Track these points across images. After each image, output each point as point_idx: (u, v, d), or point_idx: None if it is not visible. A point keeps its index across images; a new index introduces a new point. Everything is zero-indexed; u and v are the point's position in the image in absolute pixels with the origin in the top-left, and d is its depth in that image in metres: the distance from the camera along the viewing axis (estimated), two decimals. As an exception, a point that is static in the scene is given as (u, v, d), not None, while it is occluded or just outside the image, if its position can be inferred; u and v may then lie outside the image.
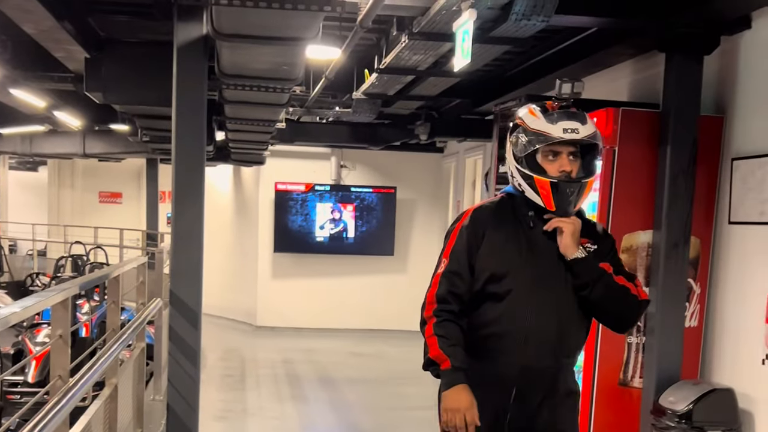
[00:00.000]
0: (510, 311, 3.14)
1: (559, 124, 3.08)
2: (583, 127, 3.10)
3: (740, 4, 5.21)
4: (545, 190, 3.10)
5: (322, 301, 14.17)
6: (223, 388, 9.63)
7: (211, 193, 14.88)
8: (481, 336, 3.18)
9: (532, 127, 3.12)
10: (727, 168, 5.80)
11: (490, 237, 3.17)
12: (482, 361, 3.17)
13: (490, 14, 5.29)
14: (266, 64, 6.11)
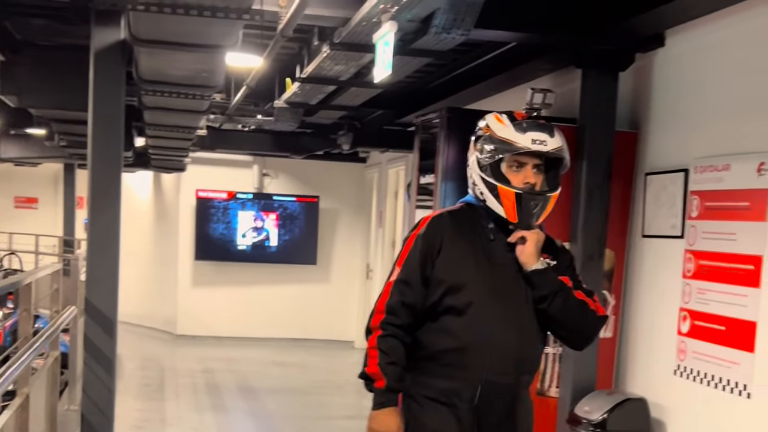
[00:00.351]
0: (470, 325, 3.03)
1: (528, 135, 2.98)
2: (552, 139, 3.01)
3: (654, 23, 5.32)
4: (509, 201, 3.01)
5: (244, 309, 14.06)
6: (141, 398, 9.48)
7: (130, 200, 14.68)
8: (440, 351, 3.07)
9: (500, 135, 3.03)
10: (640, 182, 5.92)
11: (448, 248, 3.07)
12: (441, 378, 3.07)
13: (411, 26, 5.32)
14: (185, 71, 6.06)
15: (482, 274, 3.06)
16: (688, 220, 5.39)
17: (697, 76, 5.40)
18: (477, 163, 3.07)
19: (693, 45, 5.44)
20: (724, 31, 5.11)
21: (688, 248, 5.37)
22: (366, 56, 6.10)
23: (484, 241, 3.10)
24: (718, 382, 5.02)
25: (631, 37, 5.58)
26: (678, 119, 5.58)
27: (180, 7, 4.45)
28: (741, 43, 5.02)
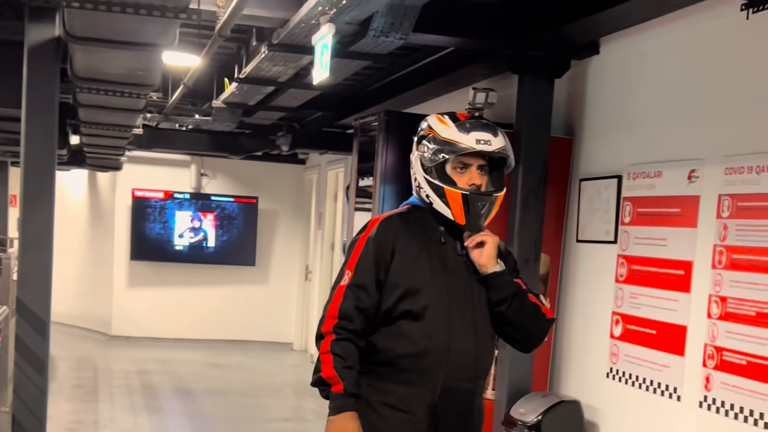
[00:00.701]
0: (428, 330, 2.95)
1: (472, 135, 2.93)
2: (495, 139, 2.95)
3: (589, 30, 5.40)
4: (456, 203, 2.94)
5: (181, 310, 13.93)
6: (74, 400, 9.34)
7: (65, 199, 14.46)
8: (397, 356, 2.99)
9: (443, 135, 2.96)
10: (575, 188, 5.99)
11: (401, 251, 2.99)
12: (398, 383, 3.00)
13: (350, 29, 5.33)
14: (121, 69, 5.99)
15: (437, 278, 2.99)
16: (621, 225, 5.47)
17: (630, 83, 5.49)
18: (421, 165, 3.01)
19: (627, 53, 5.53)
20: (657, 40, 5.21)
21: (621, 253, 5.46)
22: (305, 58, 6.09)
23: (435, 243, 3.03)
24: (649, 384, 5.11)
25: (566, 44, 5.65)
26: (612, 126, 5.67)
27: (116, 5, 4.39)
28: (673, 52, 5.11)
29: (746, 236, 4.42)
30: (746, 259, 4.38)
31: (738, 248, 4.46)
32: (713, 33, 4.78)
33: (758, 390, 4.26)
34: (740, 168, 4.47)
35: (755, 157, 4.37)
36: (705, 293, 4.68)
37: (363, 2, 4.64)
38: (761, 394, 4.23)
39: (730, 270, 4.52)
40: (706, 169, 4.74)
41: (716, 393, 4.54)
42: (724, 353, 4.53)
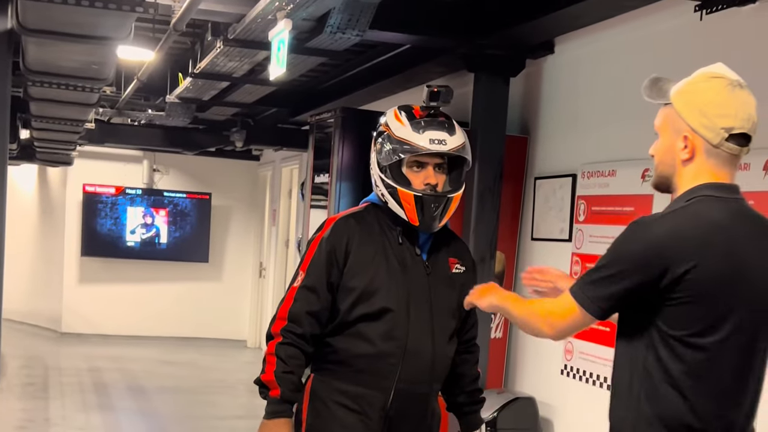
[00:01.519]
0: (386, 332, 2.90)
1: (426, 134, 2.83)
2: (452, 138, 2.86)
3: (544, 30, 5.44)
4: (409, 204, 2.87)
5: (133, 307, 13.78)
6: (24, 397, 9.20)
7: (14, 194, 14.22)
8: (353, 356, 2.94)
9: (397, 134, 2.88)
10: (530, 186, 6.04)
11: (356, 253, 2.92)
12: (352, 384, 2.95)
13: (306, 25, 5.31)
14: (75, 63, 5.91)
15: (395, 279, 2.93)
16: (575, 224, 5.52)
17: (585, 83, 5.54)
18: (377, 163, 2.95)
19: (581, 53, 5.58)
20: (612, 40, 5.26)
21: (575, 251, 5.50)
22: (260, 53, 6.06)
23: (393, 244, 2.97)
24: (603, 381, 5.16)
25: (521, 43, 5.69)
26: (566, 125, 5.72)
27: (70, -2, 4.34)
28: (627, 52, 5.17)
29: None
30: None
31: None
32: (667, 34, 4.84)
33: None
34: (693, 167, 4.53)
35: (708, 156, 4.43)
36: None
37: (320, -2, 4.64)
38: None
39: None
40: (659, 168, 4.79)
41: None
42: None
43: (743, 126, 2.21)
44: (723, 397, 2.19)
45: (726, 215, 2.20)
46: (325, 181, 7.17)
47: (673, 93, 2.27)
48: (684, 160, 2.25)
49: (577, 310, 2.23)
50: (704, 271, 2.12)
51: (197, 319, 13.88)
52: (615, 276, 2.17)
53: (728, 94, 2.21)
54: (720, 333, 2.15)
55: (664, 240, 2.14)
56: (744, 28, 4.29)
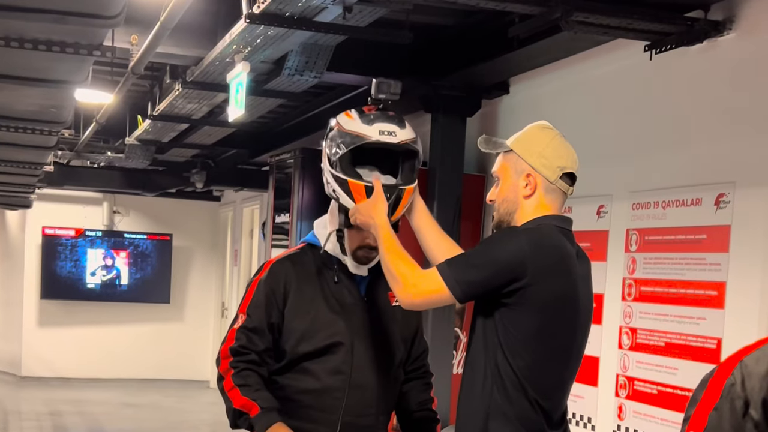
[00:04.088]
0: (329, 367, 2.93)
1: (376, 126, 2.80)
2: (402, 131, 2.82)
3: (499, 71, 5.53)
4: (361, 196, 2.82)
5: (94, 349, 13.63)
6: (-20, 445, 9.07)
7: (-27, 237, 14.09)
8: (298, 392, 2.96)
9: (347, 128, 2.83)
10: (489, 224, 6.09)
11: (295, 294, 2.94)
12: (299, 419, 2.94)
13: (264, 67, 5.36)
14: (32, 106, 5.89)
15: (335, 317, 2.94)
16: (533, 259, 5.57)
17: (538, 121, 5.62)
18: (328, 160, 2.89)
19: (536, 93, 5.67)
20: (565, 80, 5.36)
21: (533, 287, 5.55)
22: (219, 95, 6.09)
23: (330, 284, 2.99)
24: (572, 416, 5.19)
25: (477, 83, 5.78)
26: (522, 163, 5.79)
27: (28, 42, 4.33)
28: (580, 92, 5.26)
29: (654, 269, 4.55)
30: (654, 291, 4.52)
31: (646, 281, 4.59)
32: (619, 73, 4.94)
33: (668, 418, 4.38)
34: (647, 203, 4.62)
35: (661, 192, 4.52)
36: (616, 325, 4.80)
37: (277, 41, 4.69)
38: (671, 422, 4.35)
39: (639, 302, 4.65)
40: (614, 205, 4.87)
41: (629, 422, 4.65)
42: (635, 383, 4.64)
43: (573, 167, 2.62)
44: (556, 391, 2.57)
45: (565, 242, 2.56)
46: (285, 220, 7.20)
47: (512, 142, 2.69)
48: (526, 196, 2.61)
49: (443, 289, 2.47)
50: (547, 288, 2.47)
51: (159, 360, 13.75)
52: (481, 267, 2.46)
53: (559, 142, 2.65)
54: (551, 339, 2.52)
55: (527, 251, 2.45)
56: (691, 66, 4.40)
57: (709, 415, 1.57)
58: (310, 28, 4.45)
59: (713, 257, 4.19)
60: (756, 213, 3.97)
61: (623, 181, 4.81)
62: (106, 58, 4.72)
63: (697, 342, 4.26)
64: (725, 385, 1.57)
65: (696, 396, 1.61)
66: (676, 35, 4.21)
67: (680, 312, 4.36)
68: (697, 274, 4.28)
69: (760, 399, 1.53)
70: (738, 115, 4.13)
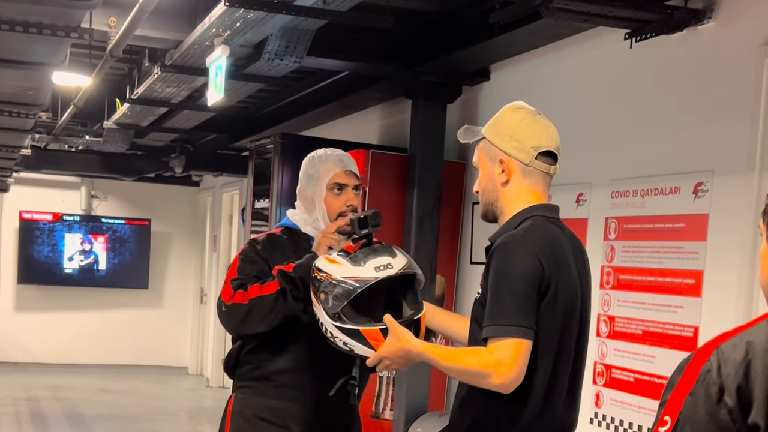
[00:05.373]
0: (306, 346, 3.00)
1: (369, 264, 2.71)
2: (395, 259, 2.74)
3: (479, 57, 5.52)
4: (378, 340, 2.66)
5: (72, 335, 13.57)
6: (-44, 430, 9.02)
7: (-51, 221, 13.97)
8: (274, 371, 3.03)
9: (339, 276, 2.72)
10: (469, 211, 6.10)
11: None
12: (274, 398, 3.03)
13: (244, 52, 5.33)
14: (9, 88, 5.85)
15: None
16: (512, 247, 5.58)
17: (520, 109, 5.63)
18: (326, 314, 2.76)
19: (516, 79, 5.67)
20: (546, 67, 5.35)
21: (512, 274, 5.56)
22: (198, 79, 6.06)
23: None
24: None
25: (458, 70, 5.77)
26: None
27: (4, 23, 4.29)
28: (561, 79, 5.26)
29: (632, 257, 4.57)
30: (632, 279, 4.53)
31: (624, 269, 4.60)
32: (599, 61, 4.94)
33: (645, 405, 4.40)
34: (626, 191, 4.63)
35: (640, 180, 4.52)
36: (594, 313, 4.80)
37: (257, 25, 4.66)
38: (648, 409, 4.37)
39: (617, 290, 4.66)
40: (594, 193, 4.88)
41: (606, 409, 4.67)
42: (613, 371, 4.66)
43: (549, 144, 2.50)
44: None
45: (560, 234, 2.49)
46: (265, 206, 7.17)
47: (485, 128, 2.57)
48: (503, 183, 2.51)
49: (522, 345, 2.29)
50: (562, 284, 2.40)
51: (137, 346, 13.71)
52: (518, 298, 2.32)
53: (531, 120, 2.51)
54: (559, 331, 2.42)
55: (541, 261, 2.36)
56: (671, 55, 4.40)
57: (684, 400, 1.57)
58: (290, 11, 4.43)
59: (691, 246, 4.20)
60: (734, 202, 3.98)
61: (603, 169, 4.82)
62: (84, 41, 4.69)
63: (674, 330, 4.28)
64: (701, 370, 1.57)
65: (672, 380, 1.62)
66: (657, 23, 4.21)
67: (658, 300, 4.38)
68: (674, 263, 4.30)
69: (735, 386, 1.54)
70: (717, 103, 4.14)
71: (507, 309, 2.31)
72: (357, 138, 6.93)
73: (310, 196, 3.10)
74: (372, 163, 5.97)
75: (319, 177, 3.09)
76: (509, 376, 2.28)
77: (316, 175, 3.09)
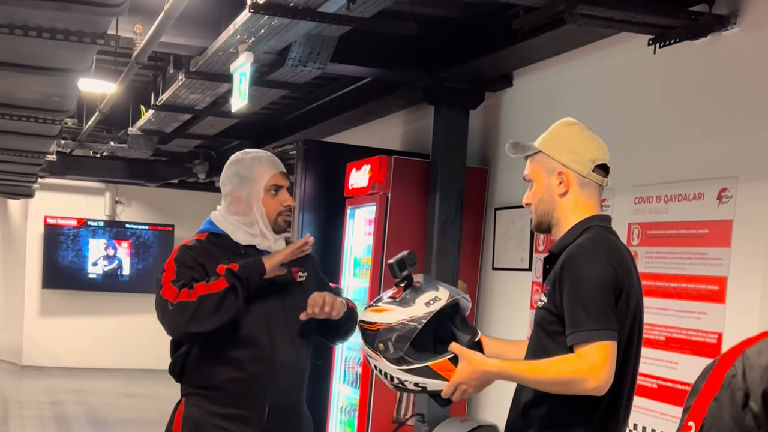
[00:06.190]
0: (252, 354, 3.02)
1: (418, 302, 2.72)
2: (440, 290, 2.76)
3: (502, 64, 5.52)
4: (448, 369, 2.64)
5: (95, 339, 13.65)
6: (-19, 433, 9.08)
7: (-25, 226, 14.11)
8: (225, 381, 3.04)
9: (391, 321, 2.71)
10: (491, 217, 6.10)
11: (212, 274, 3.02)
12: (227, 406, 3.04)
13: (268, 58, 5.36)
14: (36, 94, 5.90)
15: (250, 304, 3.00)
16: (535, 253, 5.58)
17: (542, 115, 5.62)
18: (387, 361, 2.74)
19: (539, 85, 5.66)
20: (568, 73, 5.35)
21: (535, 280, 5.56)
22: (222, 86, 6.09)
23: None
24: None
25: (480, 76, 5.77)
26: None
27: (32, 29, 4.34)
28: (583, 85, 5.26)
29: (655, 263, 4.55)
30: (656, 285, 4.51)
31: (648, 275, 4.58)
32: (622, 66, 4.93)
33: (668, 412, 4.38)
34: (649, 197, 4.62)
35: (663, 186, 4.51)
36: (616, 319, 4.79)
37: (281, 32, 4.69)
38: (671, 416, 4.35)
39: (640, 296, 4.64)
40: (617, 199, 4.87)
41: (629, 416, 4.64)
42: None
43: (603, 157, 2.62)
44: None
45: (620, 242, 2.61)
46: (287, 212, 7.19)
47: (540, 142, 2.65)
48: (561, 194, 2.59)
49: (609, 347, 2.38)
50: (630, 289, 2.49)
51: (160, 350, 13.62)
52: (599, 301, 2.41)
53: (587, 135, 2.64)
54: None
55: (613, 266, 2.45)
56: (695, 60, 4.39)
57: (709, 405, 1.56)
58: (314, 18, 4.45)
59: (715, 252, 4.19)
60: (758, 208, 3.97)
61: (626, 175, 4.80)
62: (110, 47, 4.73)
63: (698, 336, 4.26)
64: (726, 376, 1.56)
65: (697, 386, 1.61)
66: (681, 29, 4.20)
67: (681, 306, 4.36)
68: (698, 269, 4.28)
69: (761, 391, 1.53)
70: (741, 109, 4.12)
71: (591, 314, 2.39)
72: (379, 144, 6.95)
73: (245, 198, 3.10)
74: (394, 169, 5.98)
75: (254, 178, 3.09)
76: (603, 378, 2.37)
77: (251, 176, 3.09)
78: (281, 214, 3.11)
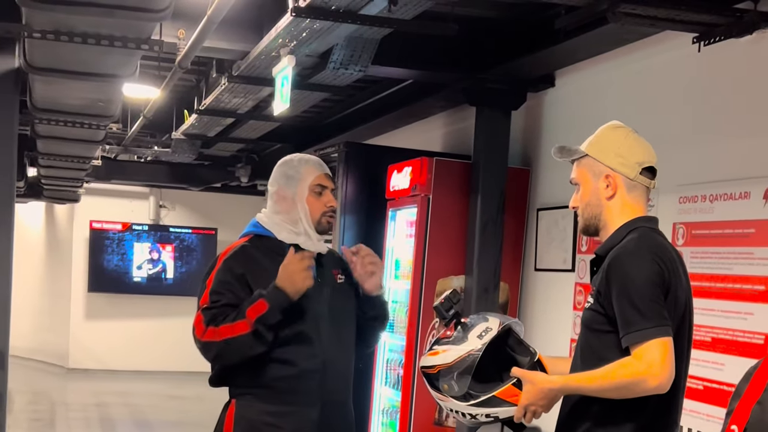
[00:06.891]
0: (303, 351, 3.06)
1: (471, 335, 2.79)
2: (489, 320, 2.82)
3: (544, 64, 5.50)
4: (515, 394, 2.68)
5: (140, 342, 13.79)
6: (30, 434, 9.21)
7: (22, 231, 14.28)
8: (276, 378, 3.07)
9: (448, 361, 2.79)
10: (533, 218, 6.07)
11: (256, 281, 3.05)
12: (280, 404, 3.07)
13: (309, 61, 5.38)
14: (81, 100, 5.99)
15: (299, 302, 3.02)
16: (578, 254, 5.55)
17: (584, 115, 5.59)
18: (455, 399, 2.79)
19: (581, 85, 5.63)
20: (611, 72, 5.31)
21: (578, 281, 5.52)
22: (264, 89, 6.13)
23: None
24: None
25: (522, 77, 5.75)
26: (568, 156, 5.76)
27: (77, 36, 4.41)
28: (626, 85, 5.22)
29: (701, 263, 4.51)
30: (701, 285, 4.47)
31: (693, 275, 4.52)
32: (666, 65, 4.89)
33: (714, 414, 4.34)
34: (694, 197, 4.57)
35: (708, 186, 4.47)
36: (661, 320, 4.75)
37: (323, 35, 4.70)
38: (717, 418, 4.30)
39: (685, 297, 4.59)
40: (661, 198, 4.82)
41: (677, 419, 4.60)
42: (680, 379, 4.59)
43: (651, 160, 2.63)
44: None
45: (667, 242, 2.61)
46: (329, 215, 7.21)
47: (586, 146, 2.68)
48: (608, 197, 2.61)
49: (666, 342, 2.39)
50: (678, 287, 2.50)
51: (203, 353, 13.85)
52: (651, 300, 2.41)
53: (634, 138, 2.66)
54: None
55: (659, 263, 2.47)
56: (741, 58, 4.34)
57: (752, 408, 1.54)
58: (355, 21, 4.46)
59: (761, 251, 4.14)
60: (806, 206, 3.91)
61: (670, 174, 4.75)
62: (154, 52, 4.79)
63: (744, 337, 4.21)
64: None
65: (740, 389, 1.59)
66: (725, 27, 4.15)
67: (727, 307, 4.31)
68: (744, 269, 4.23)
69: None
70: (788, 107, 4.08)
71: (643, 313, 2.39)
72: (420, 146, 6.95)
73: (290, 197, 3.15)
74: (436, 171, 5.97)
75: (300, 178, 3.16)
76: (665, 376, 2.37)
77: (297, 176, 3.17)
78: (325, 215, 3.16)
